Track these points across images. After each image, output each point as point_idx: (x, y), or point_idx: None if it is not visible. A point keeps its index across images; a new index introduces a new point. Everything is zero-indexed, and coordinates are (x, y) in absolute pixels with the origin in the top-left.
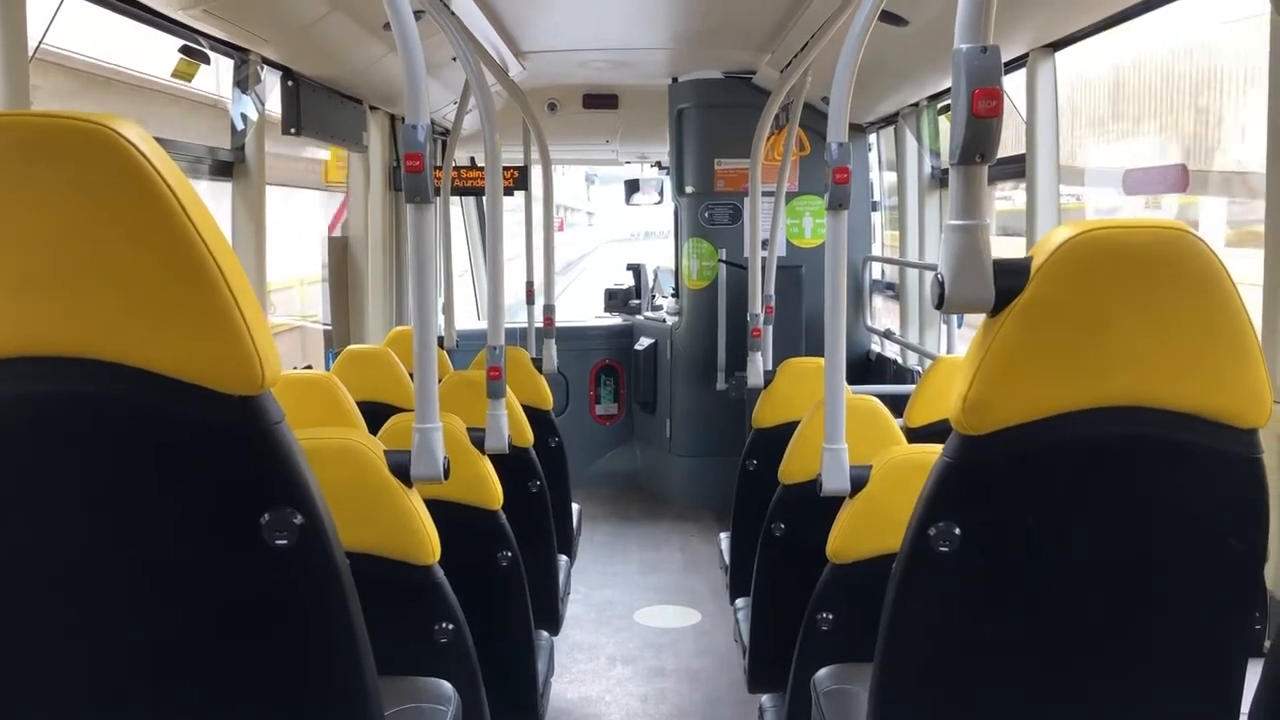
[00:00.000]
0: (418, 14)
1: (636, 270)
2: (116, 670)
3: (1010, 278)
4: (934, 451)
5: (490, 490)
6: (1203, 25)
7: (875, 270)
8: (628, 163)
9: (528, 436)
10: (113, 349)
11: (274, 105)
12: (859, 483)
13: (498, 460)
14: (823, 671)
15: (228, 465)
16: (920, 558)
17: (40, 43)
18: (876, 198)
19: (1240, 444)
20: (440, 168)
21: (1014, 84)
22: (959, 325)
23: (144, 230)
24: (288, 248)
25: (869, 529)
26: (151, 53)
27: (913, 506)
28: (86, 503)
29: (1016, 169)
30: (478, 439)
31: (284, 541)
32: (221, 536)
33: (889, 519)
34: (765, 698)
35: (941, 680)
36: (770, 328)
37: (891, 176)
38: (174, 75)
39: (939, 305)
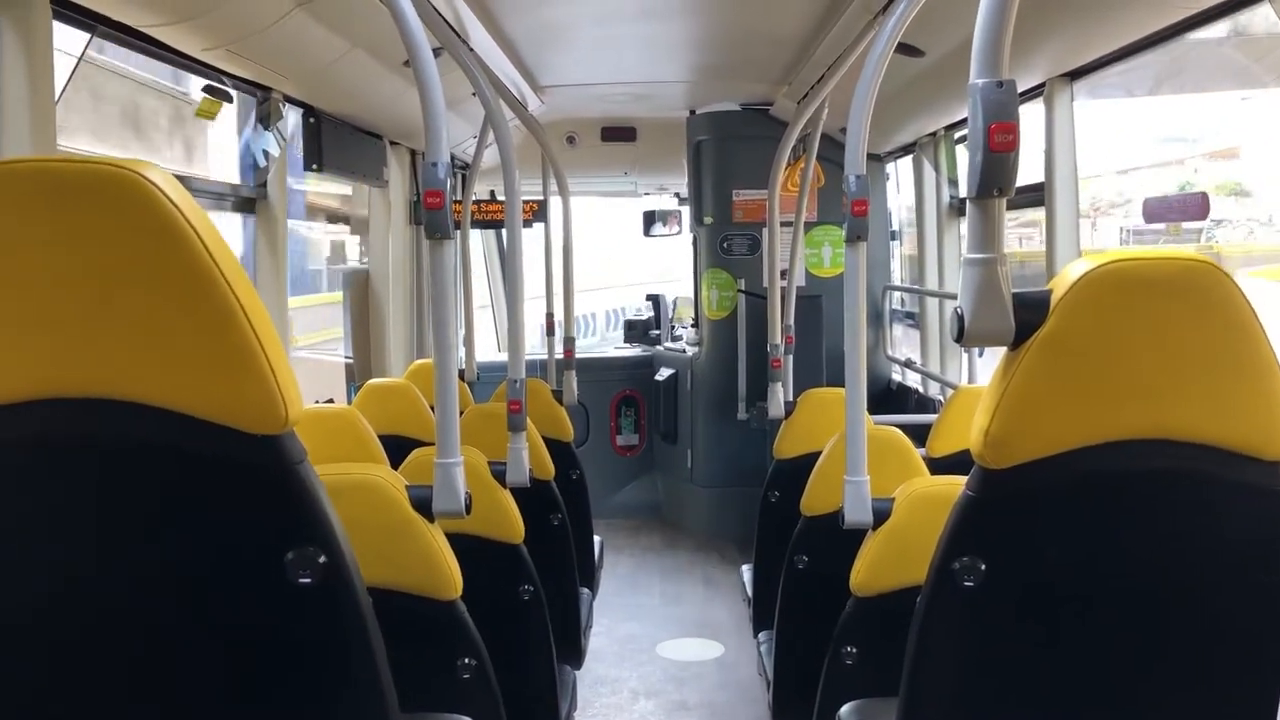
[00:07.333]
0: (437, 51)
1: (656, 301)
2: (141, 708)
3: (1030, 311)
4: (957, 483)
5: (512, 524)
6: None
7: (894, 299)
8: (646, 194)
9: (549, 469)
10: (137, 389)
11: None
12: (882, 515)
13: (519, 493)
14: (848, 706)
15: (251, 505)
16: (945, 592)
17: (65, 87)
18: (895, 227)
19: (1265, 476)
20: (460, 202)
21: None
22: (980, 354)
23: (169, 272)
24: None
25: (892, 562)
26: None
27: (936, 539)
28: (110, 542)
29: (1035, 198)
30: (499, 472)
31: (307, 580)
32: (245, 575)
33: (912, 551)
34: None
35: (968, 716)
36: (790, 358)
37: (910, 206)
38: (198, 114)
39: (959, 339)
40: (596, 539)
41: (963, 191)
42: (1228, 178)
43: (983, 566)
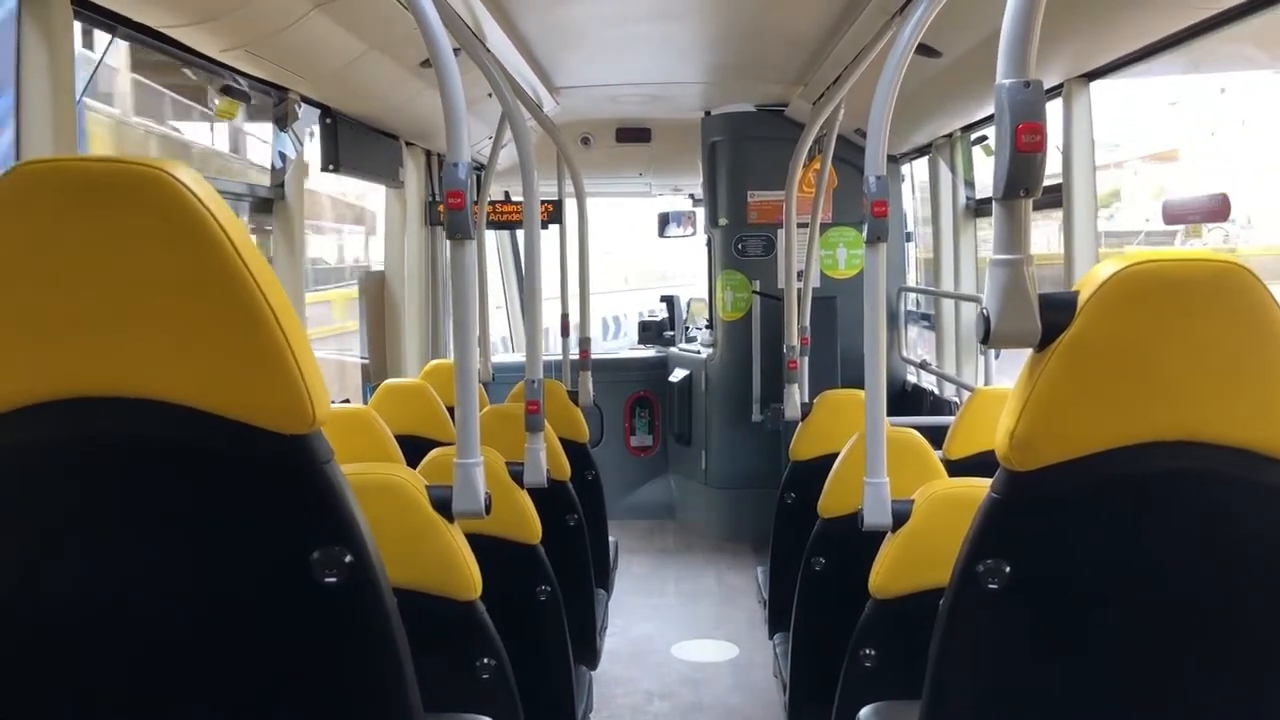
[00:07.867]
0: (455, 52)
1: (670, 302)
2: (165, 706)
3: (1057, 312)
4: (977, 485)
5: (530, 525)
6: None
7: (909, 301)
8: (660, 195)
9: (565, 470)
10: (167, 389)
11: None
12: (901, 517)
13: (536, 494)
14: (866, 710)
15: (279, 504)
16: (968, 595)
17: (86, 88)
18: (910, 228)
19: None
20: (476, 203)
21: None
22: (996, 356)
23: (199, 272)
24: None
25: (912, 564)
26: None
27: (957, 541)
28: (139, 541)
29: (1053, 199)
30: (516, 473)
31: (334, 579)
32: (272, 574)
33: (933, 553)
34: None
35: (991, 718)
36: (806, 359)
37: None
38: (217, 115)
39: (985, 340)
40: (611, 540)
41: (980, 193)
42: (1167, 180)
43: (1007, 569)
